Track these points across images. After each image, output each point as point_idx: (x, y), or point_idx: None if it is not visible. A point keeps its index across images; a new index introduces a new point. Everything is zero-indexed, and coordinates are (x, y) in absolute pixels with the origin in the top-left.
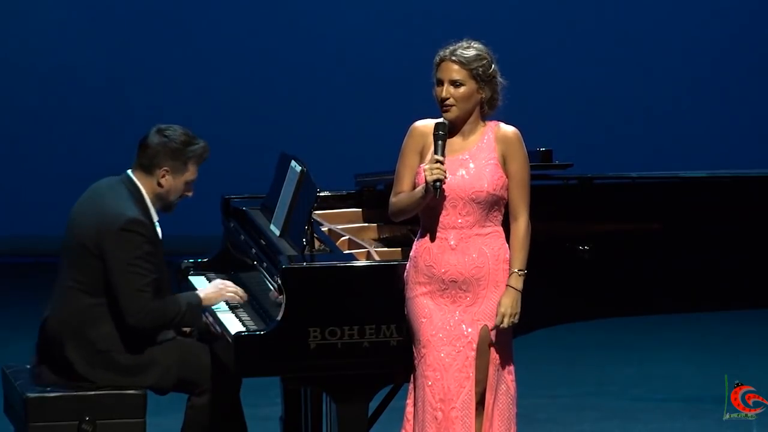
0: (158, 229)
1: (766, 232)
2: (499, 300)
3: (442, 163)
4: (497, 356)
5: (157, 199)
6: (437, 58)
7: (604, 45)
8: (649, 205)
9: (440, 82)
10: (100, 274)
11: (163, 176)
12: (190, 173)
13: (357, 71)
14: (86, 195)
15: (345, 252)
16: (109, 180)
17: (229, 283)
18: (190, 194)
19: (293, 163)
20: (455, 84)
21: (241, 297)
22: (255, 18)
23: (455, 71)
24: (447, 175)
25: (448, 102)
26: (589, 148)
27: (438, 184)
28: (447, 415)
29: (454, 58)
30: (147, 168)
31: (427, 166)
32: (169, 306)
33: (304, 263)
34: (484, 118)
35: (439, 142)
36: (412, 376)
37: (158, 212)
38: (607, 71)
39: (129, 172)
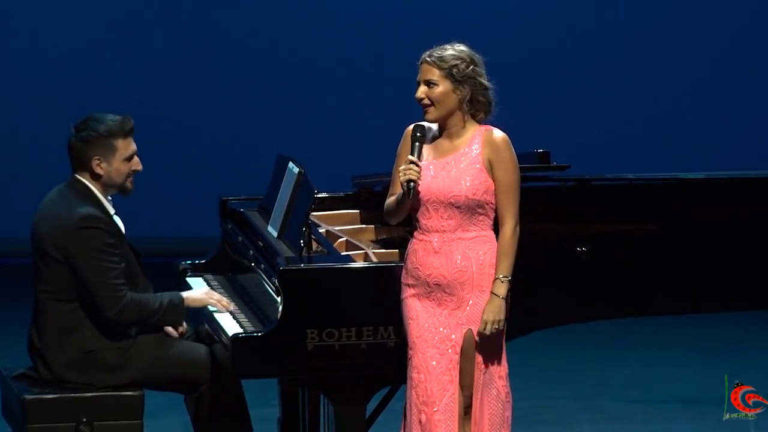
0: (119, 223)
1: (766, 233)
2: (483, 307)
3: (416, 164)
4: (483, 360)
5: (107, 187)
6: (418, 61)
7: (603, 45)
8: (646, 206)
9: (418, 84)
10: (70, 279)
11: (98, 165)
12: (123, 148)
13: (356, 72)
14: (41, 205)
15: (342, 253)
16: (59, 186)
17: (216, 293)
18: (139, 168)
19: (291, 164)
20: (429, 84)
21: (224, 306)
22: (255, 18)
23: (429, 72)
24: (420, 177)
25: (423, 102)
26: (588, 148)
27: (412, 185)
28: (430, 418)
29: (429, 59)
30: (83, 165)
31: (401, 167)
32: (149, 300)
33: (302, 265)
34: (477, 121)
35: (416, 143)
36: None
37: (125, 202)
38: (606, 71)
39: (76, 174)
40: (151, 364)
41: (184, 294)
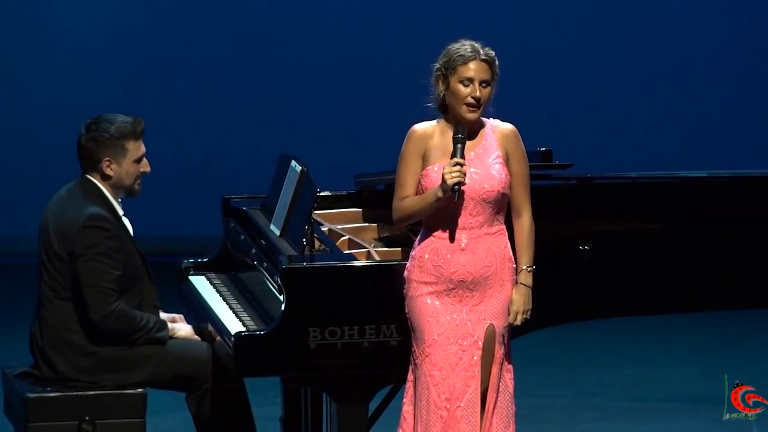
0: (127, 224)
1: (766, 232)
2: (511, 298)
3: (462, 165)
4: (501, 355)
5: (116, 188)
6: (460, 58)
7: (604, 45)
8: (648, 206)
9: (468, 82)
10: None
11: (108, 166)
12: (134, 150)
13: (357, 72)
14: (50, 204)
15: (345, 252)
16: (68, 185)
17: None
18: (147, 169)
19: (293, 163)
20: (484, 84)
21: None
22: (255, 18)
23: (486, 71)
24: (467, 178)
25: (479, 103)
26: (589, 148)
27: (457, 187)
28: (452, 414)
29: (485, 57)
30: (93, 166)
31: (446, 169)
32: (137, 315)
33: (304, 263)
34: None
35: (459, 145)
36: (410, 375)
37: (127, 201)
38: (609, 70)
39: (86, 174)
40: (153, 363)
41: (170, 325)
